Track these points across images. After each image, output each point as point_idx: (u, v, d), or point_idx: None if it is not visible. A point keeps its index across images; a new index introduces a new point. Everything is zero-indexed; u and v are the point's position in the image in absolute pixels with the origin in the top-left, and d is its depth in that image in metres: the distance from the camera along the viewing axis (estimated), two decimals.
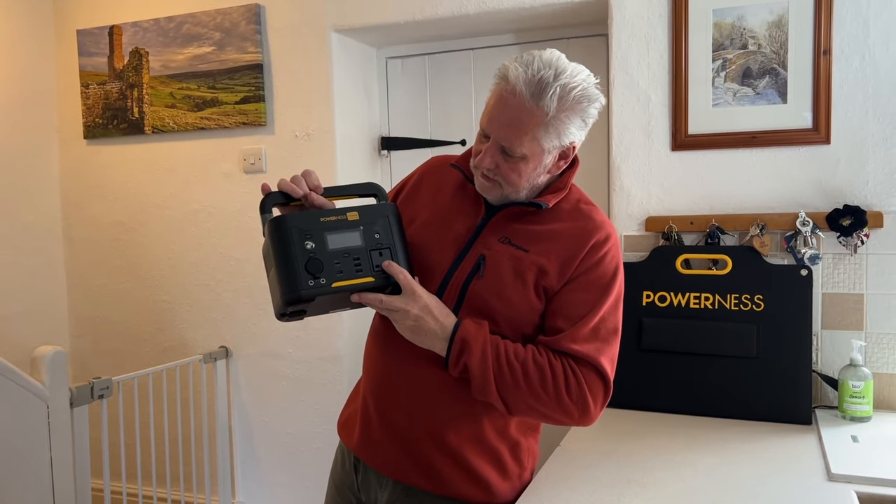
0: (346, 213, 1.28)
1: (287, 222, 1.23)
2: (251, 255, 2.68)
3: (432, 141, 2.68)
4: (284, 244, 1.22)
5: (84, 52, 2.87)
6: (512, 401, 1.25)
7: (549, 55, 1.24)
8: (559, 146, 1.27)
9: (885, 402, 1.90)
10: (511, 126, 1.24)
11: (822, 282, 1.94)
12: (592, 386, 1.26)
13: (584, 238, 1.31)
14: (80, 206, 2.97)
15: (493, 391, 1.24)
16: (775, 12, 1.98)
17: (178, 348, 2.83)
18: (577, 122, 1.26)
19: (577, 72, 1.24)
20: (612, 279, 1.31)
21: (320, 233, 1.24)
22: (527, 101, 1.21)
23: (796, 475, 1.45)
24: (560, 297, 1.29)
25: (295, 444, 2.67)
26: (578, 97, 1.23)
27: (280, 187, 1.31)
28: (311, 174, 1.33)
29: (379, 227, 1.28)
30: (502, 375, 1.23)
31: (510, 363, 1.24)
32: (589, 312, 1.28)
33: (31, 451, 1.89)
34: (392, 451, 1.36)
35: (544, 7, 2.24)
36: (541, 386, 1.24)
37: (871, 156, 1.92)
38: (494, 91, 1.27)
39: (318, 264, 1.22)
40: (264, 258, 1.30)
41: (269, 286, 1.28)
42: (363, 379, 1.48)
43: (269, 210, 1.30)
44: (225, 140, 2.69)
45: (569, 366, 1.25)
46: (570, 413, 1.26)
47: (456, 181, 1.43)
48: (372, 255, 1.26)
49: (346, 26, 2.48)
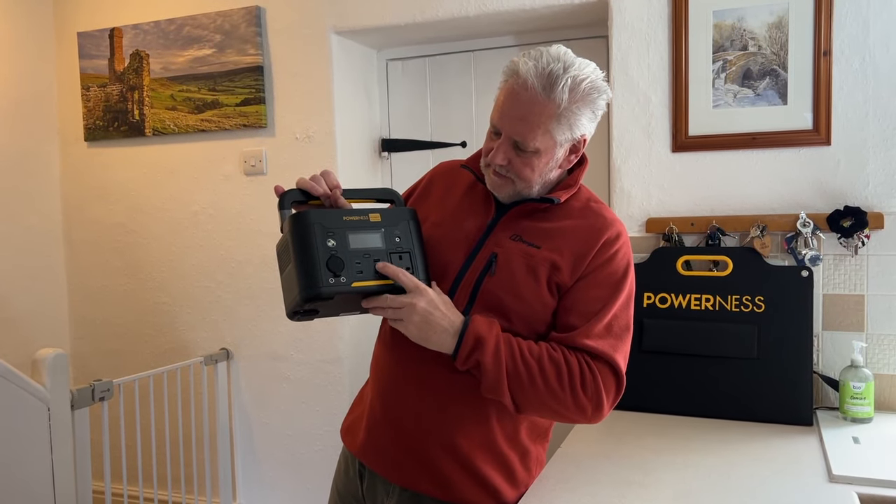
0: (368, 214, 1.28)
1: (310, 218, 1.23)
2: (252, 257, 2.68)
3: (433, 143, 2.68)
4: (306, 240, 1.21)
5: (84, 55, 2.87)
6: (523, 398, 1.24)
7: (557, 50, 1.26)
8: (571, 139, 1.28)
9: (886, 404, 1.90)
10: (524, 120, 1.24)
11: (823, 283, 1.94)
12: (607, 382, 1.26)
13: (596, 235, 1.31)
14: (80, 209, 2.98)
15: (505, 389, 1.23)
16: (775, 13, 1.98)
17: (178, 350, 2.83)
18: (587, 114, 1.27)
19: (584, 65, 1.26)
20: (623, 276, 1.32)
21: (342, 231, 1.23)
22: (539, 93, 1.22)
23: (797, 476, 1.45)
24: (573, 294, 1.30)
25: (296, 447, 2.67)
26: (588, 88, 1.25)
27: (299, 185, 1.31)
28: (329, 174, 1.34)
29: (400, 231, 1.29)
30: (517, 373, 1.23)
31: (525, 360, 1.23)
32: (602, 309, 1.28)
33: (32, 454, 1.89)
34: (400, 457, 1.35)
35: (544, 8, 2.24)
36: (557, 382, 1.23)
37: (872, 157, 1.92)
38: (504, 87, 1.28)
39: (340, 262, 1.21)
40: (279, 254, 1.29)
41: (283, 283, 1.26)
42: (370, 383, 1.47)
43: (287, 206, 1.30)
44: (225, 142, 2.69)
45: (585, 362, 1.25)
46: (584, 409, 1.25)
47: (466, 181, 1.43)
48: (392, 258, 1.26)
49: (347, 28, 2.49)
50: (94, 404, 2.11)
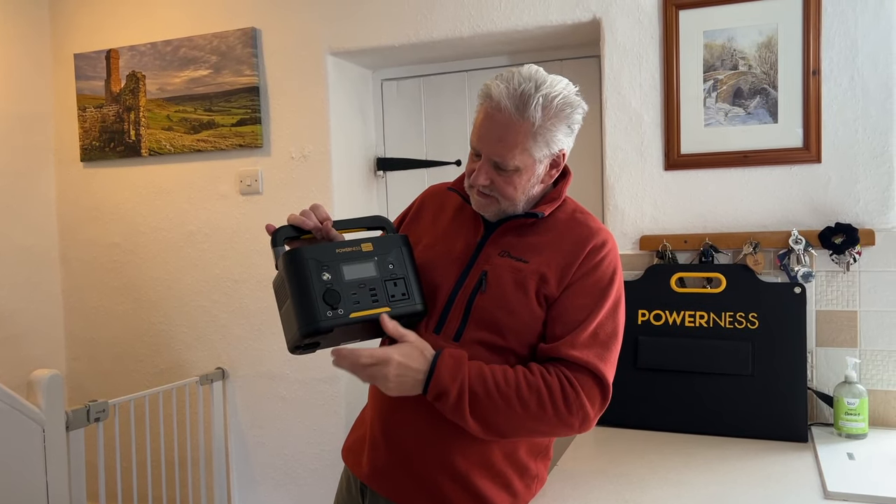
0: (360, 244, 1.30)
1: (303, 254, 1.25)
2: (248, 277, 2.68)
3: (428, 161, 2.70)
4: (301, 276, 1.24)
5: (81, 76, 2.89)
6: (507, 428, 1.27)
7: (528, 69, 1.29)
8: (549, 154, 1.31)
9: (880, 419, 1.90)
10: (501, 141, 1.27)
11: (816, 299, 1.95)
12: (589, 392, 1.26)
13: (582, 243, 1.33)
14: (76, 229, 2.98)
15: (476, 429, 1.26)
16: (765, 33, 2.01)
17: (174, 370, 2.83)
18: (563, 129, 1.30)
19: (556, 81, 1.29)
20: (609, 283, 1.32)
21: (336, 264, 1.26)
22: (513, 114, 1.25)
23: (792, 493, 1.45)
24: (559, 304, 1.31)
25: (292, 466, 2.66)
26: (561, 105, 1.27)
27: (290, 221, 1.34)
28: (319, 207, 1.37)
29: (393, 258, 1.31)
30: (494, 407, 1.25)
31: (502, 392, 1.24)
32: (587, 317, 1.29)
33: (27, 476, 1.88)
34: (400, 478, 1.35)
35: (537, 29, 2.27)
36: (538, 407, 1.24)
37: (862, 174, 1.94)
38: (480, 110, 1.31)
39: (336, 295, 1.24)
40: (276, 291, 1.31)
41: (283, 319, 1.29)
42: (369, 406, 1.48)
43: (280, 244, 1.32)
44: (221, 162, 2.70)
45: (564, 377, 1.26)
46: (571, 425, 1.27)
47: (455, 204, 1.47)
48: (387, 286, 1.28)
49: (342, 49, 2.51)
50: (90, 425, 2.11)
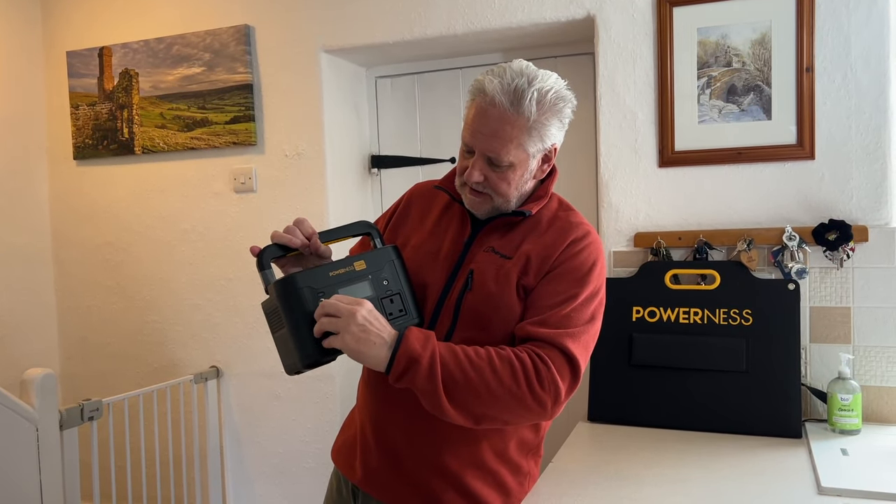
0: (352, 263, 1.27)
1: (297, 283, 1.21)
2: (242, 275, 2.68)
3: (422, 159, 2.69)
4: (297, 306, 1.20)
5: (74, 74, 2.88)
6: (478, 406, 1.19)
7: (518, 64, 1.29)
8: (542, 149, 1.31)
9: (873, 415, 1.91)
10: (496, 136, 1.26)
11: (810, 296, 1.96)
12: (561, 369, 1.22)
13: (563, 236, 1.33)
14: (69, 227, 2.97)
15: (446, 405, 1.18)
16: (758, 30, 2.01)
17: (168, 368, 2.82)
18: (556, 124, 1.30)
19: (547, 76, 1.29)
20: (587, 273, 1.30)
21: (332, 289, 1.23)
22: (507, 109, 1.25)
23: (786, 489, 1.45)
24: (535, 291, 1.30)
25: (287, 465, 2.66)
26: (554, 99, 1.28)
27: (275, 240, 1.30)
28: (303, 222, 1.33)
29: (387, 274, 1.29)
30: (468, 383, 1.18)
31: (475, 366, 1.18)
32: (562, 303, 1.27)
33: (21, 475, 1.88)
34: (392, 480, 1.35)
35: (531, 26, 2.27)
36: (512, 380, 1.18)
37: (855, 170, 1.95)
38: (472, 105, 1.30)
39: None
40: (267, 315, 1.27)
41: (278, 343, 1.25)
42: (358, 408, 1.47)
43: (268, 266, 1.28)
44: (215, 160, 2.70)
45: (535, 353, 1.21)
46: (544, 403, 1.20)
47: (442, 202, 1.45)
48: (384, 304, 1.27)
49: (336, 46, 2.50)
50: (84, 424, 2.10)
